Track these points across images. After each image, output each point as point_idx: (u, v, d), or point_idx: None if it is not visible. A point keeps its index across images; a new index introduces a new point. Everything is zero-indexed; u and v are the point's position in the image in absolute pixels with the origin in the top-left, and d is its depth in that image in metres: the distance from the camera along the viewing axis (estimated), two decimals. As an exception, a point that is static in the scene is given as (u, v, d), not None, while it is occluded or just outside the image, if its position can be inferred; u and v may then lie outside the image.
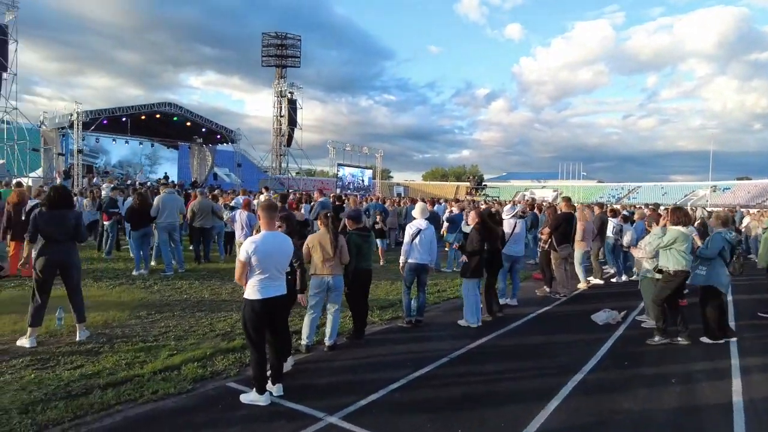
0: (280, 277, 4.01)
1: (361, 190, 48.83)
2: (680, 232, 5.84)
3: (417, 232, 6.46)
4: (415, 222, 6.62)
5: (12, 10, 25.45)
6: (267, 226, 4.00)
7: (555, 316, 7.43)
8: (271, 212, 4.01)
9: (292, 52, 61.67)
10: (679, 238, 5.83)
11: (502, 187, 75.15)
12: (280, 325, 4.20)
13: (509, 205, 8.48)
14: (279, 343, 4.20)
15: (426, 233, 6.51)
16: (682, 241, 5.83)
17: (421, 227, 6.50)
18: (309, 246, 5.36)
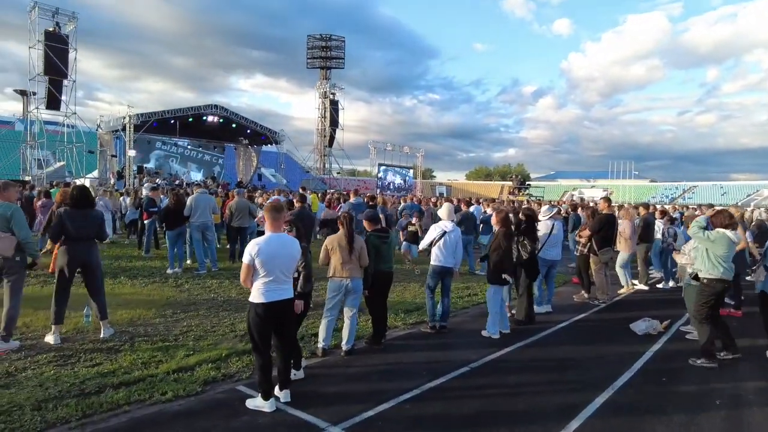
0: (286, 280, 3.90)
1: (402, 191, 48.66)
2: (727, 236, 5.29)
3: (442, 234, 6.22)
4: (440, 223, 6.37)
5: (72, 20, 26.97)
6: (273, 228, 3.90)
7: (590, 325, 6.97)
8: (276, 214, 3.90)
9: (336, 53, 62.58)
10: (720, 239, 5.28)
11: (549, 187, 72.97)
12: (288, 330, 4.08)
13: (546, 206, 8.04)
14: (286, 349, 4.09)
15: (452, 235, 6.26)
16: (724, 245, 5.27)
17: (446, 229, 6.25)
18: (328, 247, 5.24)
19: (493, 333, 6.12)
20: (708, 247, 5.35)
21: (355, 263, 5.23)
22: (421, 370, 4.82)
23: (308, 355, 5.21)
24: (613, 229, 8.12)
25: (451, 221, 6.39)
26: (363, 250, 5.28)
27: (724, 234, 5.27)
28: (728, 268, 5.30)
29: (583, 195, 54.93)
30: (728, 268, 5.31)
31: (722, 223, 5.34)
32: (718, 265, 5.26)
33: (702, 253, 5.45)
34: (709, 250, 5.33)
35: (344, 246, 5.17)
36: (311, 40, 62.77)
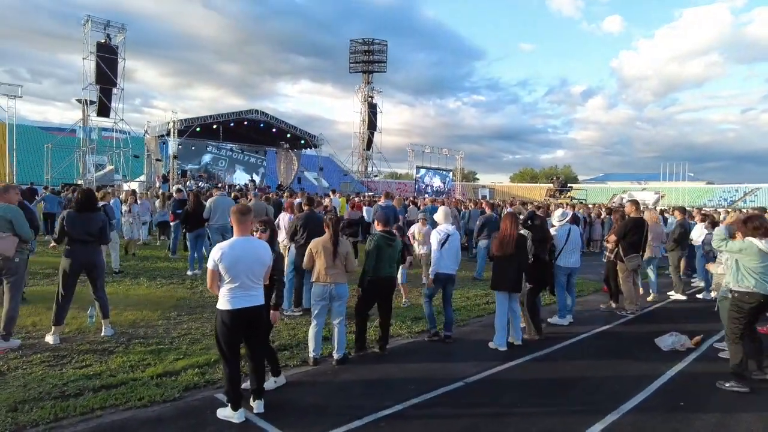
0: (254, 286, 3.72)
1: (441, 193, 48.08)
2: (755, 246, 4.68)
3: (446, 237, 5.90)
4: (441, 227, 6.06)
5: (122, 32, 28.34)
6: (239, 232, 3.74)
7: (611, 338, 6.43)
8: (242, 217, 3.74)
9: (379, 57, 62.95)
10: (748, 250, 4.69)
11: (598, 189, 70.18)
12: (259, 338, 3.91)
13: (560, 210, 7.52)
14: (258, 359, 3.92)
15: (454, 239, 5.94)
16: (753, 255, 4.67)
17: (449, 232, 5.94)
18: (312, 251, 5.07)
19: (499, 345, 5.73)
20: (737, 258, 4.78)
21: (340, 268, 5.03)
22: (411, 384, 4.54)
23: (299, 363, 5.06)
24: (641, 234, 7.49)
25: (451, 225, 6.05)
26: (349, 255, 5.07)
27: (752, 243, 4.68)
28: (762, 281, 4.70)
29: (634, 197, 52.33)
30: (762, 280, 4.70)
31: (756, 230, 4.74)
32: (749, 276, 4.67)
33: (732, 264, 4.88)
34: (739, 260, 4.76)
35: (329, 250, 4.98)
36: (354, 44, 63.45)
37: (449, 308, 6.10)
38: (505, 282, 5.81)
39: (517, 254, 5.79)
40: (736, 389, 4.65)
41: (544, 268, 6.43)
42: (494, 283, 5.90)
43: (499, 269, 5.85)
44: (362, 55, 62.79)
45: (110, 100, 27.98)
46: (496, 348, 5.72)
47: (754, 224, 4.79)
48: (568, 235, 7.09)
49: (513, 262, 5.82)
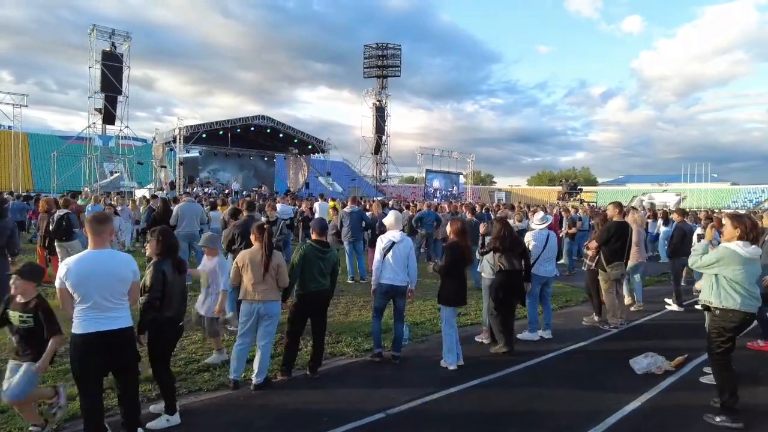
0: (113, 307, 3.18)
1: (452, 197, 47.28)
2: (730, 252, 3.99)
3: (390, 245, 5.32)
4: (387, 233, 5.48)
5: (127, 40, 28.55)
6: (93, 243, 3.23)
7: (581, 358, 5.74)
8: (97, 226, 3.21)
9: (393, 61, 62.95)
10: (725, 259, 3.98)
11: (618, 191, 68.26)
12: (126, 368, 3.34)
13: (540, 213, 6.85)
14: (126, 391, 3.38)
15: (400, 247, 5.33)
16: (734, 264, 3.96)
17: (394, 239, 5.35)
18: (238, 264, 4.55)
19: (449, 363, 5.14)
20: (716, 272, 4.08)
21: (271, 284, 4.50)
22: (325, 415, 3.97)
23: (215, 387, 4.55)
24: (625, 240, 6.76)
25: (399, 230, 5.46)
26: (281, 269, 4.53)
27: (728, 249, 3.98)
28: (748, 296, 3.99)
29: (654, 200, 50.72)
30: (748, 295, 3.99)
31: (739, 233, 4.03)
32: (732, 292, 3.97)
33: (710, 280, 4.17)
34: (718, 274, 4.06)
35: (258, 263, 4.45)
36: (368, 49, 63.54)
37: (399, 324, 5.50)
38: (454, 298, 5.24)
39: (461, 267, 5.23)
40: (729, 425, 3.94)
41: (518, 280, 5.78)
42: (447, 299, 5.29)
43: (452, 282, 5.24)
44: (376, 60, 62.81)
45: (115, 108, 28.13)
46: (446, 366, 5.15)
47: (735, 227, 4.08)
48: (546, 241, 6.44)
49: (462, 274, 5.24)
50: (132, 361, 3.40)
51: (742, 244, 4.01)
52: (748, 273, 4.02)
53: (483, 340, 6.12)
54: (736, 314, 4.00)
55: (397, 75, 63.39)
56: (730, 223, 4.14)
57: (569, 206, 16.80)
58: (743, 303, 3.97)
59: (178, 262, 3.91)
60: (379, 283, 5.33)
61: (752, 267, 4.05)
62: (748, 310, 4.00)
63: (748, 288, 4.00)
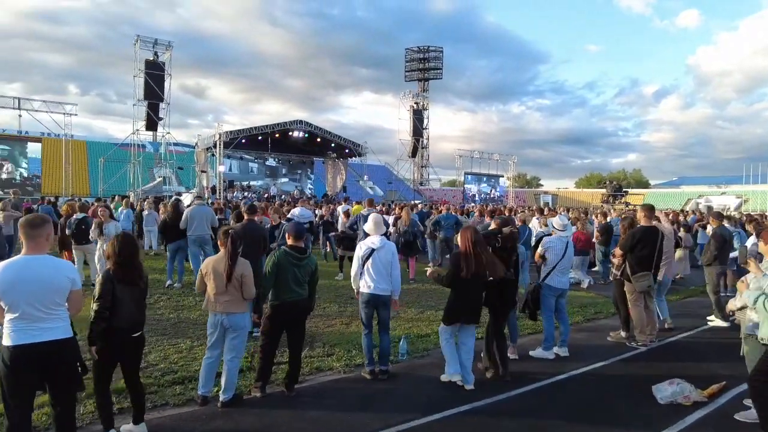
0: (43, 317, 2.92)
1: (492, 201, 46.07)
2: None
3: (369, 252, 4.87)
4: (366, 240, 5.03)
5: (168, 49, 29.52)
6: (27, 249, 2.98)
7: (596, 382, 5.05)
8: (31, 230, 2.96)
9: (434, 64, 62.79)
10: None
11: (670, 194, 64.57)
12: (61, 384, 3.07)
13: (561, 218, 6.13)
14: (59, 409, 3.10)
15: (381, 253, 4.87)
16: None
17: (373, 246, 4.89)
18: (202, 272, 4.25)
19: (453, 373, 4.71)
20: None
21: (234, 294, 4.16)
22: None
23: (182, 402, 4.26)
24: (653, 248, 5.98)
25: (380, 236, 4.99)
26: (247, 279, 4.18)
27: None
28: None
29: (711, 203, 47.44)
30: None
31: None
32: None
33: (762, 304, 3.49)
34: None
35: (221, 272, 4.13)
36: (409, 53, 63.61)
37: (385, 336, 5.02)
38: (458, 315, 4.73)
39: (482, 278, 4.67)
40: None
41: (509, 289, 5.18)
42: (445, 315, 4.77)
43: (461, 297, 4.71)
44: (417, 63, 62.72)
45: (158, 115, 29.11)
46: (449, 380, 4.70)
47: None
48: (566, 250, 5.79)
49: (478, 287, 4.71)
50: (68, 377, 3.13)
51: None
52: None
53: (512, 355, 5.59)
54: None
55: (439, 78, 63.13)
56: None
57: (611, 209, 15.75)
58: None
59: (133, 270, 3.63)
60: (360, 292, 4.91)
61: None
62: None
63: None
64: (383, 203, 25.40)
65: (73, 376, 3.14)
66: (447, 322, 4.78)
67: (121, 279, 3.50)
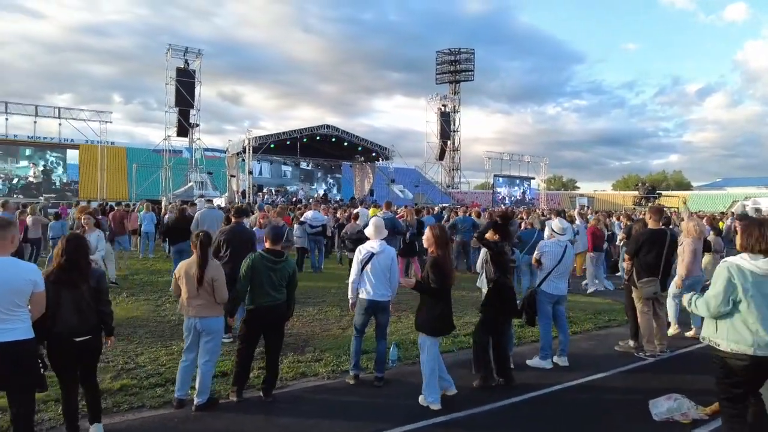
0: (4, 318, 2.95)
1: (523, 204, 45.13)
2: (734, 270, 3.01)
3: (369, 257, 4.75)
4: (366, 244, 4.92)
5: (198, 57, 30.38)
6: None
7: (592, 394, 4.76)
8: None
9: (465, 66, 62.46)
10: (721, 281, 3.01)
11: (714, 196, 61.67)
12: (19, 385, 3.08)
13: (560, 221, 5.83)
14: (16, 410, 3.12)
15: (381, 258, 4.75)
16: (737, 290, 2.97)
17: (373, 250, 4.77)
18: (176, 276, 4.25)
19: (431, 401, 4.32)
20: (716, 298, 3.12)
21: (206, 298, 4.14)
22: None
23: (159, 405, 4.26)
24: (660, 251, 5.60)
25: (380, 240, 4.87)
26: (218, 283, 4.15)
27: (738, 265, 2.99)
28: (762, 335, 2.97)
29: (759, 205, 44.96)
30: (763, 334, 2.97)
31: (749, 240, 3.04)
32: (743, 325, 2.98)
33: (695, 304, 3.32)
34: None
35: (192, 276, 4.11)
36: (440, 55, 63.47)
37: (381, 343, 4.90)
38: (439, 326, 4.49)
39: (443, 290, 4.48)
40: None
41: (508, 295, 4.96)
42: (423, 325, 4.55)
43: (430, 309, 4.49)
44: (449, 66, 62.52)
45: (188, 121, 29.94)
46: (428, 405, 4.32)
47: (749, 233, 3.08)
48: (563, 254, 5.51)
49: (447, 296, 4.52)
50: (26, 377, 3.14)
51: (754, 260, 3.02)
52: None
53: None
54: (746, 361, 3.01)
55: (470, 79, 62.75)
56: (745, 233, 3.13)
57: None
58: (753, 342, 2.98)
59: (75, 273, 3.55)
60: (359, 298, 4.80)
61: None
62: (762, 353, 2.98)
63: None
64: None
65: (32, 377, 3.16)
66: (436, 333, 4.57)
67: (62, 282, 3.41)
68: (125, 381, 4.71)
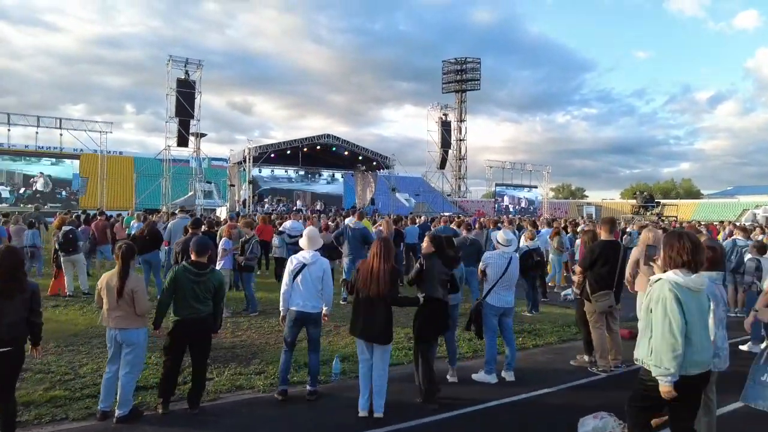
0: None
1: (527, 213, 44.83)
2: (669, 286, 2.87)
3: (300, 267, 4.71)
4: (299, 254, 4.88)
5: (199, 68, 30.75)
6: None
7: (530, 410, 4.64)
8: None
9: (472, 75, 62.45)
10: (657, 296, 2.90)
11: (724, 204, 60.78)
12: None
13: (506, 233, 5.70)
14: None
15: (312, 269, 4.70)
16: (669, 306, 2.84)
17: (305, 261, 4.73)
18: (98, 287, 4.24)
19: (363, 408, 4.36)
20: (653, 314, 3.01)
21: (126, 309, 4.12)
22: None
23: (85, 416, 4.23)
24: (614, 264, 5.48)
25: (313, 251, 4.82)
26: (137, 294, 4.13)
27: (673, 281, 2.89)
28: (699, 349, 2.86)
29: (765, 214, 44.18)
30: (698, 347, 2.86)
31: (680, 256, 2.93)
32: (672, 338, 2.83)
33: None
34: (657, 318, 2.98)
35: (113, 287, 4.10)
36: (446, 65, 63.57)
37: (314, 356, 4.82)
38: (372, 329, 4.40)
39: (387, 295, 4.40)
40: None
41: (441, 311, 4.85)
42: (353, 328, 4.55)
43: (361, 310, 4.46)
44: (455, 75, 62.58)
45: (188, 131, 30.25)
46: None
47: (675, 248, 2.98)
48: (508, 265, 5.42)
49: (380, 304, 4.43)
50: None
51: (687, 275, 2.91)
52: (696, 318, 2.89)
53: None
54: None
55: (477, 89, 62.64)
56: (668, 247, 3.03)
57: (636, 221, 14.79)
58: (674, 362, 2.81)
59: (16, 284, 3.60)
60: (288, 309, 4.73)
61: (697, 309, 2.92)
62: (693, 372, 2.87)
63: (698, 337, 2.87)
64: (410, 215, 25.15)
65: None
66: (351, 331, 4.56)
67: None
68: (57, 392, 4.69)
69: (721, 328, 3.55)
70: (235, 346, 6.44)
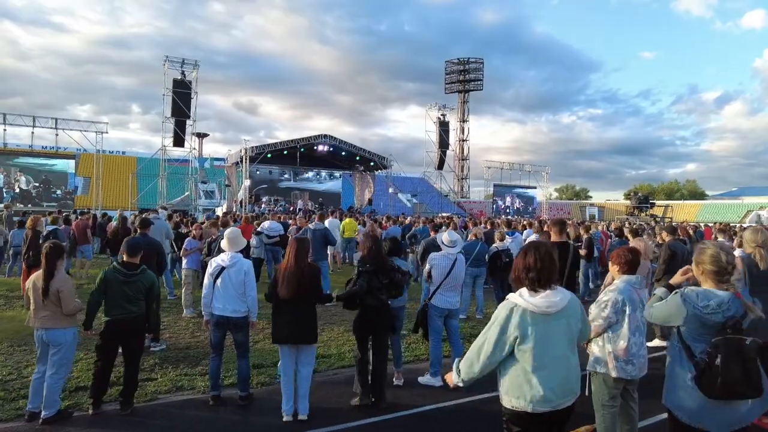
0: None
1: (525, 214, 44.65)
2: (509, 308, 2.54)
3: (219, 270, 4.63)
4: (218, 257, 4.83)
5: (195, 68, 30.86)
6: None
7: (466, 414, 4.60)
8: None
9: (475, 75, 62.34)
10: (495, 315, 2.60)
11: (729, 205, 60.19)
12: None
13: (449, 233, 5.65)
14: None
15: (231, 272, 4.61)
16: (492, 329, 2.55)
17: (223, 263, 4.65)
18: (26, 288, 4.25)
19: (287, 411, 4.33)
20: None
21: (52, 309, 4.13)
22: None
23: (13, 417, 4.25)
24: (564, 265, 5.41)
25: (233, 253, 4.75)
26: (63, 294, 4.13)
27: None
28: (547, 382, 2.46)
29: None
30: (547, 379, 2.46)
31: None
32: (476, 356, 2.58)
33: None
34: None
35: (38, 287, 4.10)
36: (449, 65, 63.51)
37: (242, 362, 4.75)
38: (298, 329, 4.37)
39: (305, 296, 4.38)
40: None
41: (383, 314, 4.80)
42: (276, 334, 4.47)
43: (284, 312, 4.42)
44: (458, 75, 62.46)
45: (184, 132, 30.36)
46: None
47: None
48: (452, 267, 5.37)
49: (302, 303, 4.40)
50: None
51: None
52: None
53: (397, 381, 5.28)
54: None
55: (480, 89, 62.49)
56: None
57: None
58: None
59: None
60: (210, 313, 4.69)
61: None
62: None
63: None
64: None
65: None
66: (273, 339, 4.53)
67: None
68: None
69: (638, 335, 3.49)
70: (190, 347, 6.45)
